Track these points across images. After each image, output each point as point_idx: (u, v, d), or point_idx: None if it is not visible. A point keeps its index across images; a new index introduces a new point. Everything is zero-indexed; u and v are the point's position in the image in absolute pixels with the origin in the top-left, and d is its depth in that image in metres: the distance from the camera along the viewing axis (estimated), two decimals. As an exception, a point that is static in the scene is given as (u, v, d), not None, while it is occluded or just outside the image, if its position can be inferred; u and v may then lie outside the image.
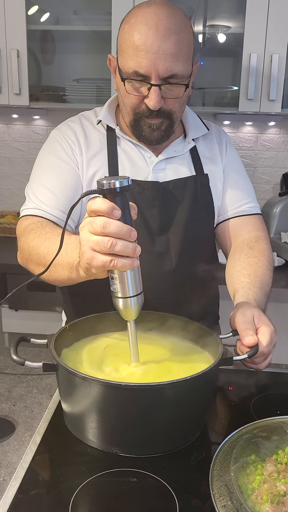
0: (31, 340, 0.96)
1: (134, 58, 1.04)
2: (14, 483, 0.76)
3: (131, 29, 1.05)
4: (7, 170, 2.71)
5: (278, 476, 0.73)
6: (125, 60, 1.06)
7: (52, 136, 1.23)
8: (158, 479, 0.77)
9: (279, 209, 2.35)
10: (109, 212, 0.75)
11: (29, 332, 1.87)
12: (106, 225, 0.75)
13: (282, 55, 2.08)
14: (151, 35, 1.02)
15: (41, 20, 2.31)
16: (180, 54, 1.04)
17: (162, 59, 1.03)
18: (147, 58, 1.03)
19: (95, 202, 0.76)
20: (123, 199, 0.77)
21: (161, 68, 1.03)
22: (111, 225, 0.75)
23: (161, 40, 1.02)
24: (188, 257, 1.20)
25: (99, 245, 0.76)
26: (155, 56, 1.02)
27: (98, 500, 0.73)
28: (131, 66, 1.05)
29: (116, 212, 0.76)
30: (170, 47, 1.02)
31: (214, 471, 0.75)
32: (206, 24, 2.30)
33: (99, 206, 0.76)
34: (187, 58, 1.07)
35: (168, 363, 0.93)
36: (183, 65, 1.06)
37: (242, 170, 1.34)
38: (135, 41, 1.03)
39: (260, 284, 1.11)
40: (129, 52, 1.05)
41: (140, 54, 1.03)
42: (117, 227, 0.76)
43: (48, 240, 1.02)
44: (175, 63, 1.04)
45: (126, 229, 0.76)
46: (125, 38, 1.06)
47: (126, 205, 0.78)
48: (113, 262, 0.77)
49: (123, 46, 1.07)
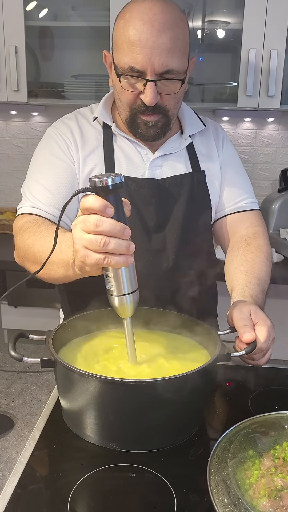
0: (30, 336, 0.97)
1: (129, 53, 1.03)
2: (13, 478, 0.76)
3: (126, 24, 1.04)
4: (6, 166, 2.71)
5: (275, 471, 0.73)
6: (120, 55, 1.06)
7: (48, 133, 1.22)
8: (156, 474, 0.77)
9: (278, 205, 2.35)
10: (102, 210, 0.75)
11: (28, 329, 1.87)
12: (99, 224, 0.75)
13: (280, 51, 2.07)
14: (146, 30, 1.02)
15: (39, 16, 2.30)
16: (176, 49, 1.04)
17: (158, 55, 1.02)
18: (142, 53, 1.02)
19: (87, 200, 0.76)
20: (116, 197, 0.77)
21: (157, 63, 1.03)
22: (104, 224, 0.75)
23: (156, 35, 1.02)
24: (185, 254, 1.20)
25: (92, 244, 0.76)
26: (150, 51, 1.02)
27: (97, 495, 0.74)
28: (127, 61, 1.05)
29: (109, 210, 0.75)
30: (166, 42, 1.02)
31: (212, 466, 0.75)
32: (205, 20, 2.29)
33: (91, 204, 0.75)
34: (182, 54, 1.06)
35: (165, 360, 0.93)
36: (179, 61, 1.05)
37: (240, 166, 1.33)
38: (130, 36, 1.03)
39: (257, 280, 1.11)
40: (124, 48, 1.04)
41: (135, 50, 1.02)
42: (110, 225, 0.75)
43: (43, 238, 1.02)
44: (171, 59, 1.03)
45: (119, 227, 0.76)
46: (120, 34, 1.06)
47: (119, 203, 0.78)
48: (107, 259, 0.76)
49: (118, 42, 1.06)
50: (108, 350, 0.96)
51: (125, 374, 0.89)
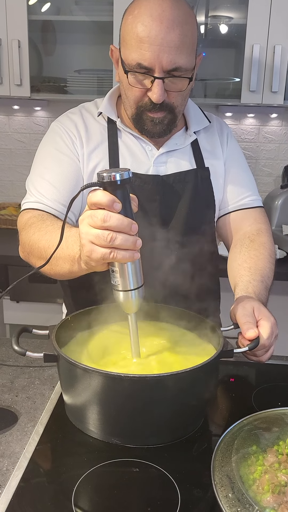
0: (33, 331, 0.97)
1: (138, 50, 1.02)
2: (17, 472, 0.77)
3: (135, 20, 1.03)
4: (8, 161, 2.71)
5: (279, 467, 0.74)
6: (128, 51, 1.05)
7: (52, 128, 1.22)
8: (160, 469, 0.77)
9: (280, 202, 2.35)
10: (110, 205, 0.75)
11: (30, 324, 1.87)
12: (106, 219, 0.75)
13: (284, 47, 2.07)
14: (155, 27, 1.01)
15: (42, 10, 2.29)
16: (184, 46, 1.03)
17: (166, 52, 1.01)
18: (150, 50, 1.01)
19: (95, 195, 0.76)
20: (123, 192, 0.77)
21: (165, 60, 1.02)
22: (111, 219, 0.75)
23: (165, 32, 1.01)
24: (189, 250, 1.20)
25: (98, 239, 0.76)
26: (159, 48, 1.01)
27: (100, 489, 0.74)
28: (134, 58, 1.04)
29: (117, 205, 0.75)
30: (174, 39, 1.01)
31: (216, 462, 0.75)
32: (209, 15, 2.28)
33: (99, 199, 0.75)
34: (191, 51, 1.05)
35: (168, 355, 0.94)
36: (187, 58, 1.04)
37: (244, 163, 1.33)
38: (138, 32, 1.02)
39: (260, 277, 1.11)
40: (133, 44, 1.03)
41: (144, 46, 1.01)
42: (118, 220, 0.75)
43: (48, 233, 1.02)
44: (179, 56, 1.02)
45: (126, 223, 0.75)
46: (128, 30, 1.05)
47: (126, 198, 0.77)
48: (113, 254, 0.76)
49: (126, 38, 1.05)
50: (111, 345, 0.97)
51: (129, 369, 0.89)
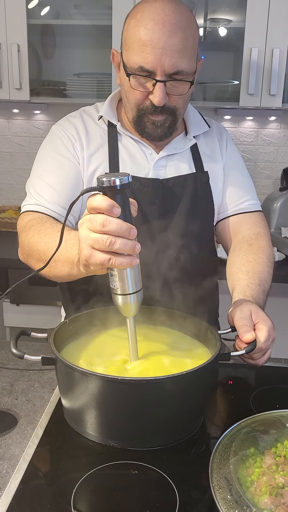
0: (31, 334, 0.97)
1: (140, 53, 1.04)
2: (17, 475, 0.77)
3: (137, 24, 1.04)
4: (8, 164, 2.71)
5: (277, 469, 0.74)
6: (130, 55, 1.06)
7: (52, 131, 1.22)
8: (158, 472, 0.78)
9: (279, 204, 2.36)
10: (109, 209, 0.75)
11: (30, 327, 1.88)
12: (105, 223, 0.75)
13: (283, 50, 2.07)
14: (157, 30, 1.02)
15: (41, 14, 2.30)
16: (186, 50, 1.04)
17: (168, 55, 1.02)
18: (153, 53, 1.02)
19: (95, 200, 0.76)
20: (123, 197, 0.77)
21: (167, 64, 1.03)
22: (110, 223, 0.75)
23: (167, 36, 1.02)
24: (187, 254, 1.20)
25: (98, 243, 0.76)
26: (161, 52, 1.02)
27: (99, 492, 0.74)
28: (137, 61, 1.05)
29: (116, 210, 0.75)
30: (177, 43, 1.02)
31: (214, 464, 0.76)
32: (207, 18, 2.29)
33: (99, 203, 0.76)
34: (192, 55, 1.07)
35: (166, 358, 0.94)
36: (189, 62, 1.06)
37: (243, 167, 1.34)
38: (141, 36, 1.03)
39: (258, 280, 1.11)
40: (135, 47, 1.04)
41: (146, 50, 1.03)
42: (117, 225, 0.75)
43: (48, 236, 1.02)
44: (181, 60, 1.04)
45: (125, 227, 0.76)
46: (131, 33, 1.06)
47: (126, 203, 0.78)
48: (112, 260, 0.77)
49: (129, 41, 1.06)
50: (109, 349, 0.97)
51: (126, 372, 0.89)
